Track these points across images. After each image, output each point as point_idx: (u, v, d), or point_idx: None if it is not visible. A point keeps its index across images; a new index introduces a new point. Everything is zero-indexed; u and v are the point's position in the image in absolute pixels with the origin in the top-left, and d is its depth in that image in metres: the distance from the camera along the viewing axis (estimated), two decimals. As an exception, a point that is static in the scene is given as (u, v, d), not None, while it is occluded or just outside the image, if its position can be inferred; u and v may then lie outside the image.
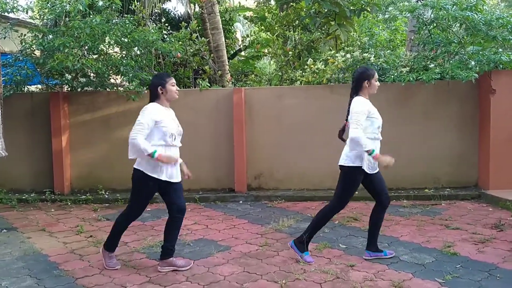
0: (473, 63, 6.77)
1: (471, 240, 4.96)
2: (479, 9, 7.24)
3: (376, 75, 4.44)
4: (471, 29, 7.00)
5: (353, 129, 4.17)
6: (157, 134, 4.11)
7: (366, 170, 4.34)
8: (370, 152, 4.18)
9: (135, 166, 4.23)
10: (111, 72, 7.81)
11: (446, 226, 5.52)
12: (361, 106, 4.24)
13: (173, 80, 4.28)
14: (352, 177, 4.40)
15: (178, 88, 4.31)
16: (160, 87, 4.20)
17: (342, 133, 4.58)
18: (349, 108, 4.39)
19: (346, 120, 4.47)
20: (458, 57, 7.18)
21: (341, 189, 4.52)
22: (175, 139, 4.22)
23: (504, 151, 6.85)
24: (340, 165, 4.45)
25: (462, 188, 7.22)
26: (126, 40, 7.39)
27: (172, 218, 4.26)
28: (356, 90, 4.40)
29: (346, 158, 4.37)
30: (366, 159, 4.30)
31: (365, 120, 4.24)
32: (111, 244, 4.44)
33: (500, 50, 6.98)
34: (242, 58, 12.69)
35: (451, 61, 7.15)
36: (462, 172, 7.36)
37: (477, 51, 6.97)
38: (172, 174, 4.21)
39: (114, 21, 7.43)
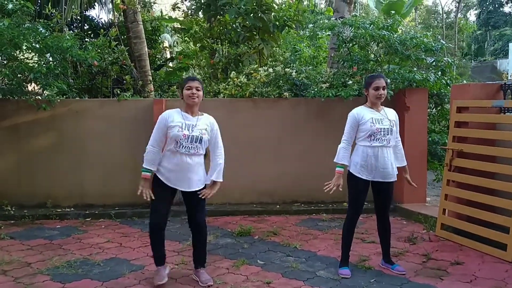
0: (389, 81, 7.02)
1: (385, 254, 5.06)
2: (395, 29, 7.55)
3: (375, 84, 4.46)
4: (388, 48, 7.27)
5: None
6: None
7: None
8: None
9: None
10: (27, 79, 7.30)
11: (362, 240, 5.61)
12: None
13: (189, 84, 4.08)
14: None
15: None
16: (179, 90, 4.19)
17: None
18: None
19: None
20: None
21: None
22: (180, 146, 4.04)
23: (417, 165, 7.10)
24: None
25: (379, 202, 7.42)
26: (38, 46, 6.95)
27: None
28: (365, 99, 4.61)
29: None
30: None
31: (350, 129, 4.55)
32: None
33: (415, 69, 7.31)
34: (170, 69, 12.43)
35: (368, 79, 7.37)
36: (379, 186, 7.55)
37: (393, 70, 7.24)
38: None
39: (25, 25, 6.97)
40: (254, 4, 8.49)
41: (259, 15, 8.58)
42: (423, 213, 6.49)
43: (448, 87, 7.33)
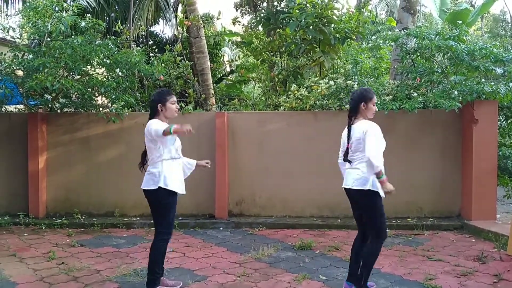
0: (456, 92, 6.79)
1: (453, 273, 4.86)
2: (462, 39, 7.29)
3: (375, 99, 4.31)
4: (454, 59, 7.03)
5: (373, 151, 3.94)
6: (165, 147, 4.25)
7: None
8: (380, 175, 3.92)
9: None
10: (96, 93, 7.69)
11: (428, 257, 5.42)
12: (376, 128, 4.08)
13: (173, 98, 4.28)
14: (379, 201, 4.07)
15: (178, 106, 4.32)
16: (160, 104, 4.20)
17: (347, 156, 4.30)
18: (349, 131, 4.21)
19: (348, 142, 4.23)
20: (441, 87, 7.19)
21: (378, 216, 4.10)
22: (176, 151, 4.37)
23: (487, 181, 6.82)
24: (358, 189, 4.11)
25: (445, 218, 7.16)
26: (108, 61, 7.30)
27: None
28: (354, 112, 4.23)
29: (366, 182, 4.05)
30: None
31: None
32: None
33: (483, 80, 7.02)
34: (230, 82, 12.67)
35: (434, 90, 7.16)
36: (444, 202, 7.30)
37: (460, 81, 6.99)
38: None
39: (97, 42, 7.34)
40: (315, 17, 8.50)
41: (320, 27, 8.57)
42: (493, 231, 6.18)
43: (520, 99, 7.00)
